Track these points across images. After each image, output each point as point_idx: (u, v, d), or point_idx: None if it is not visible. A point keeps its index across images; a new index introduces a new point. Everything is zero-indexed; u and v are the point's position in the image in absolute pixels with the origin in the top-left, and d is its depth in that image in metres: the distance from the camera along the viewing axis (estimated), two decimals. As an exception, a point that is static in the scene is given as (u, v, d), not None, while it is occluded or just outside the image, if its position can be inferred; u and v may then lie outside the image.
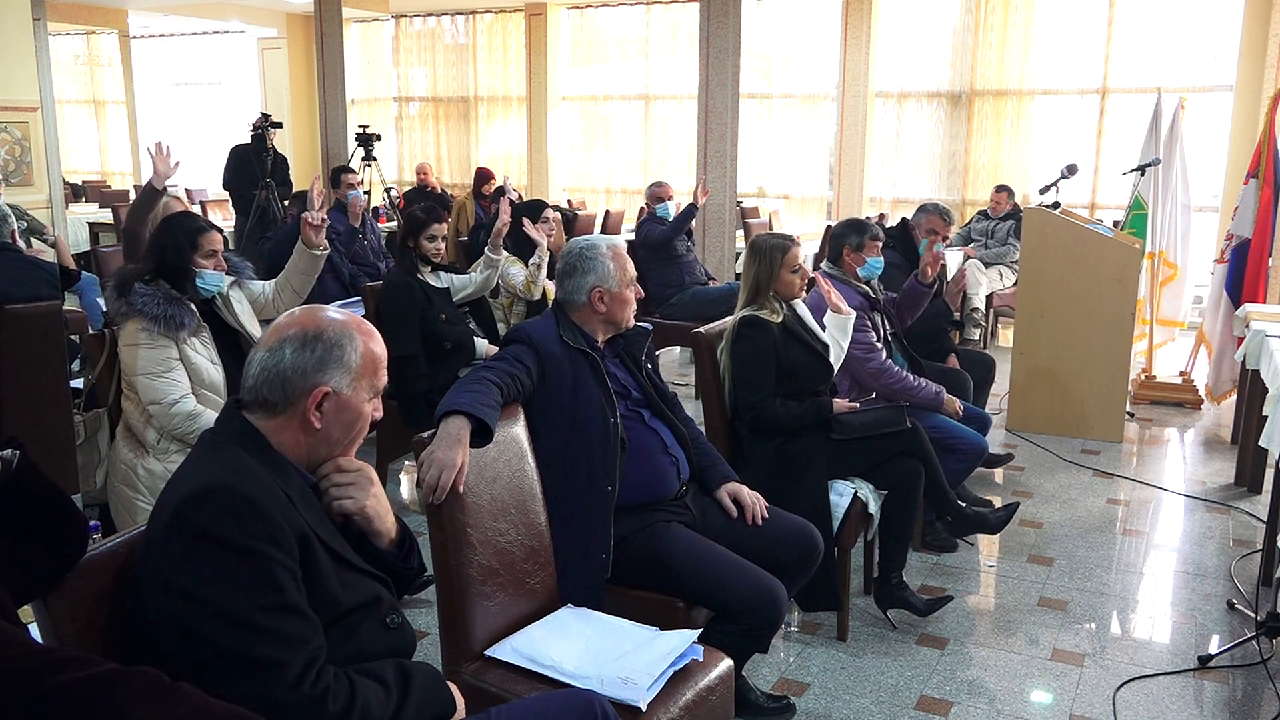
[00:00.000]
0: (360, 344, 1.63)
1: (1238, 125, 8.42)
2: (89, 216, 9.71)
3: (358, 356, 1.62)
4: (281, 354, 1.59)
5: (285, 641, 1.41)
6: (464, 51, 12.75)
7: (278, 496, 1.50)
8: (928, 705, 2.84)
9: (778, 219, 9.73)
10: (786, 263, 3.21)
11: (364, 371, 1.63)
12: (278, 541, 1.44)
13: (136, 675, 1.25)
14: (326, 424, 1.60)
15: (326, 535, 1.57)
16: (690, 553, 2.44)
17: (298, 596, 1.45)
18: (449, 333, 4.05)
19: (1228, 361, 5.51)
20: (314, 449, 1.62)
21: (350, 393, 1.61)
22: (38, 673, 1.19)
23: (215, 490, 1.44)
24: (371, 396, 1.65)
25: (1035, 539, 4.00)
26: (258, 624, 1.40)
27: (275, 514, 1.46)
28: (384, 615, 1.63)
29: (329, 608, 1.52)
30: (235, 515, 1.43)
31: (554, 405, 2.42)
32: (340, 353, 1.61)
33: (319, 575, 1.51)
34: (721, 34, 7.02)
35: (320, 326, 1.62)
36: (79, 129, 14.63)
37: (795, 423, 3.12)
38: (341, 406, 1.61)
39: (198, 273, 3.07)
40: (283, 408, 1.59)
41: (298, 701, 1.40)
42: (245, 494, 1.45)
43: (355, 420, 1.64)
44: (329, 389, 1.59)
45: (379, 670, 1.55)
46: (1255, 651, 3.06)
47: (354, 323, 1.67)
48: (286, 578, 1.44)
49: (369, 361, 1.64)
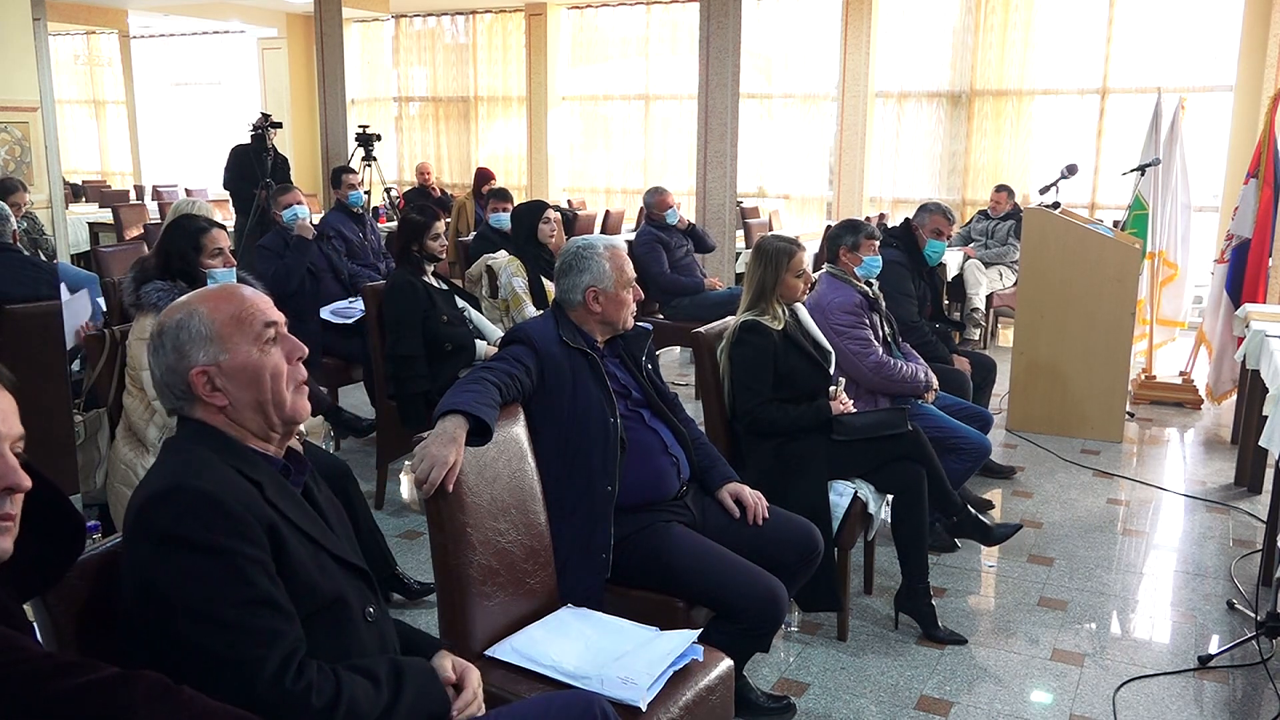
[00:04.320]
0: (204, 312, 1.57)
1: (1238, 125, 8.43)
2: (89, 216, 9.71)
3: (206, 322, 1.56)
4: (150, 367, 1.60)
5: (259, 637, 1.39)
6: (464, 51, 12.75)
7: (242, 489, 1.48)
8: (928, 705, 2.84)
9: (778, 219, 9.72)
10: (791, 267, 3.21)
11: (226, 331, 1.56)
12: (244, 535, 1.42)
13: (139, 679, 1.25)
14: (230, 395, 1.56)
15: (302, 521, 1.54)
16: (690, 552, 2.44)
17: (270, 589, 1.43)
18: (450, 334, 4.05)
19: (1228, 361, 5.51)
20: (246, 421, 1.58)
21: (227, 356, 1.56)
22: (41, 678, 1.19)
23: (174, 491, 1.43)
24: (259, 345, 1.58)
25: (1035, 539, 4.00)
26: (229, 621, 1.38)
27: (238, 508, 1.44)
28: (363, 609, 1.60)
29: (308, 597, 1.49)
30: (196, 514, 1.41)
31: (554, 405, 2.42)
32: (187, 332, 1.56)
33: (293, 564, 1.48)
34: (721, 34, 7.02)
35: (159, 323, 1.59)
36: (79, 129, 14.64)
37: (793, 425, 3.12)
38: (229, 372, 1.56)
39: (207, 273, 3.09)
40: (188, 404, 1.57)
41: (279, 698, 1.38)
42: (205, 491, 1.43)
43: (255, 375, 1.57)
44: (202, 367, 1.55)
45: (370, 666, 1.52)
46: (1255, 651, 3.06)
47: (196, 297, 1.62)
48: (256, 571, 1.42)
49: (224, 318, 1.57)
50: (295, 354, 1.62)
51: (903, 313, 4.35)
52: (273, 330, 1.60)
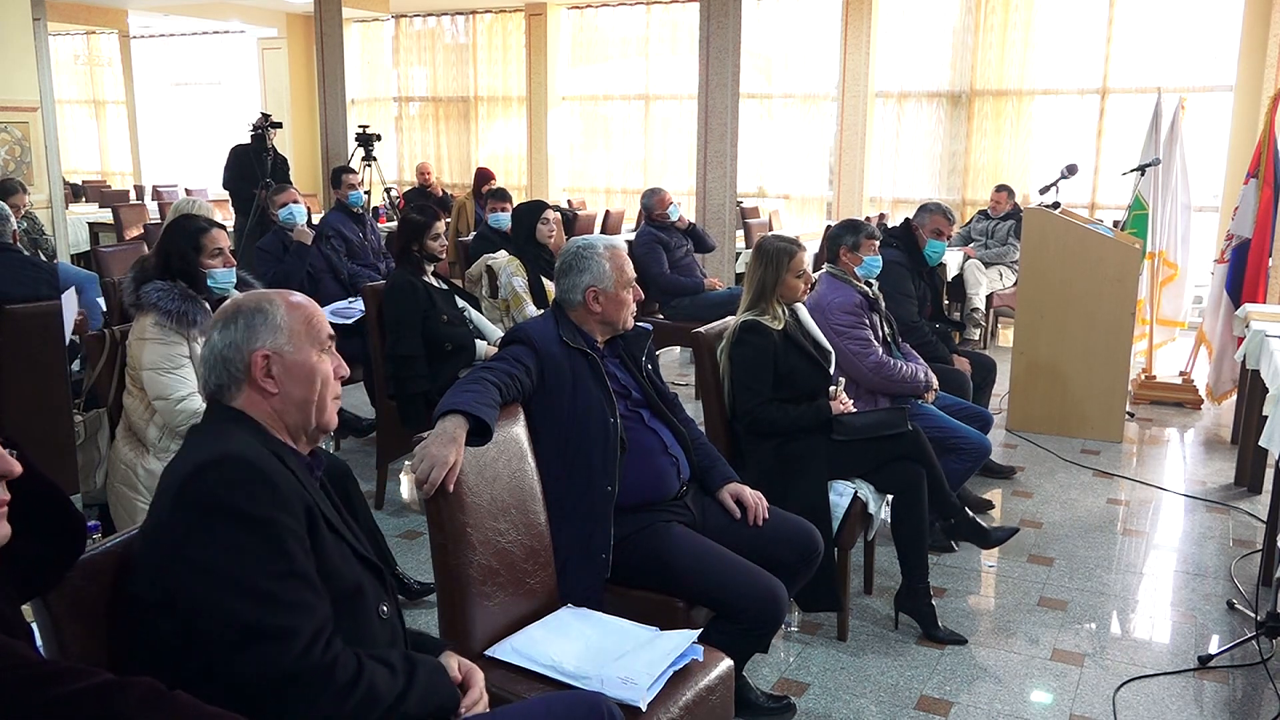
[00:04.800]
0: (281, 305, 1.64)
1: (1238, 125, 8.43)
2: (89, 216, 9.71)
3: (283, 316, 1.63)
4: (211, 342, 1.63)
5: (295, 609, 1.42)
6: (464, 51, 12.75)
7: (282, 469, 1.52)
8: (928, 705, 2.84)
9: (778, 219, 9.72)
10: (792, 267, 3.21)
11: (297, 328, 1.63)
12: (286, 508, 1.47)
13: (133, 685, 1.25)
14: (282, 386, 1.61)
15: (329, 512, 1.59)
16: (690, 552, 2.44)
17: (306, 564, 1.47)
18: (450, 334, 4.05)
19: (1228, 361, 5.51)
20: (288, 415, 1.63)
21: (292, 349, 1.62)
22: (34, 685, 1.19)
23: (223, 461, 1.46)
24: (319, 351, 1.65)
25: (1035, 539, 4.00)
26: (268, 591, 1.41)
27: (283, 482, 1.48)
28: (377, 605, 1.63)
29: (332, 582, 1.53)
30: (244, 484, 1.45)
31: (554, 405, 2.42)
32: (264, 317, 1.62)
33: (323, 549, 1.53)
34: (721, 34, 7.02)
35: (236, 304, 1.65)
36: (79, 129, 14.65)
37: (793, 425, 3.12)
38: (289, 365, 1.61)
39: (207, 274, 3.11)
40: (235, 387, 1.60)
41: (308, 669, 1.41)
42: (252, 462, 1.47)
43: (310, 375, 1.63)
44: (267, 351, 1.60)
45: (386, 655, 1.56)
46: (1255, 651, 3.06)
47: (270, 291, 1.69)
48: (296, 546, 1.46)
49: (298, 318, 1.64)
50: (340, 371, 1.70)
51: (903, 313, 4.35)
52: (331, 343, 1.69)
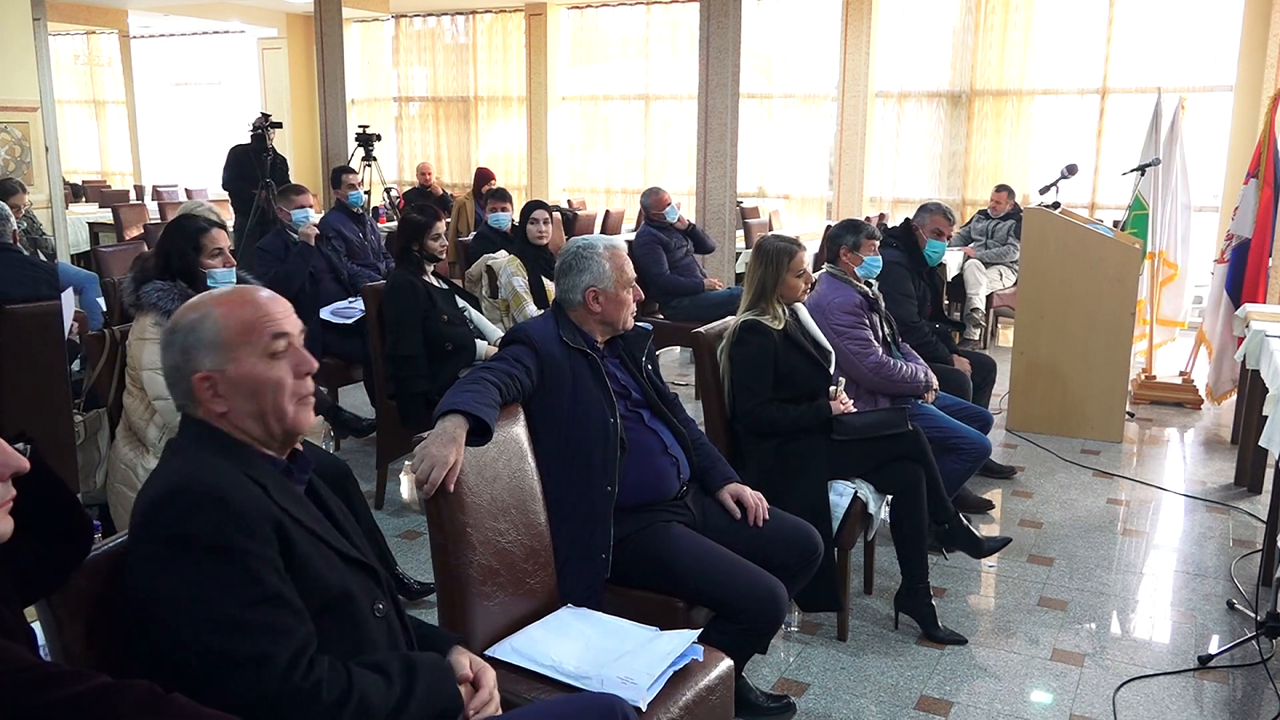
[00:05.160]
0: (216, 316, 1.54)
1: (1238, 125, 8.43)
2: (89, 216, 9.71)
3: (217, 329, 1.54)
4: (159, 363, 1.60)
5: (269, 634, 1.39)
6: (464, 51, 12.75)
7: (248, 488, 1.47)
8: (928, 705, 2.84)
9: (778, 219, 9.72)
10: (792, 267, 3.21)
11: (233, 339, 1.54)
12: (251, 532, 1.42)
13: (130, 688, 1.25)
14: (231, 403, 1.54)
15: (307, 519, 1.54)
16: (690, 552, 2.44)
17: (280, 586, 1.43)
18: (450, 334, 4.05)
19: (1228, 361, 5.51)
20: (247, 427, 1.56)
21: (232, 364, 1.53)
22: (31, 689, 1.19)
23: (181, 490, 1.43)
24: (265, 356, 1.55)
25: (1035, 539, 4.00)
26: (240, 620, 1.38)
27: (246, 505, 1.44)
28: (372, 604, 1.60)
29: (317, 593, 1.49)
30: (205, 513, 1.41)
31: (554, 405, 2.42)
32: (196, 336, 1.54)
33: (301, 562, 1.48)
34: (721, 34, 7.02)
35: (174, 320, 1.57)
36: (79, 129, 14.64)
37: (793, 425, 3.12)
38: (232, 381, 1.54)
39: (207, 274, 3.11)
40: (193, 405, 1.56)
41: (290, 693, 1.39)
42: (212, 489, 1.43)
43: (256, 387, 1.55)
44: (205, 373, 1.53)
45: (382, 662, 1.52)
46: (1255, 651, 3.06)
47: (212, 298, 1.59)
48: (265, 569, 1.42)
49: (234, 327, 1.54)
50: (303, 368, 1.60)
51: (903, 313, 4.35)
52: (283, 342, 1.57)
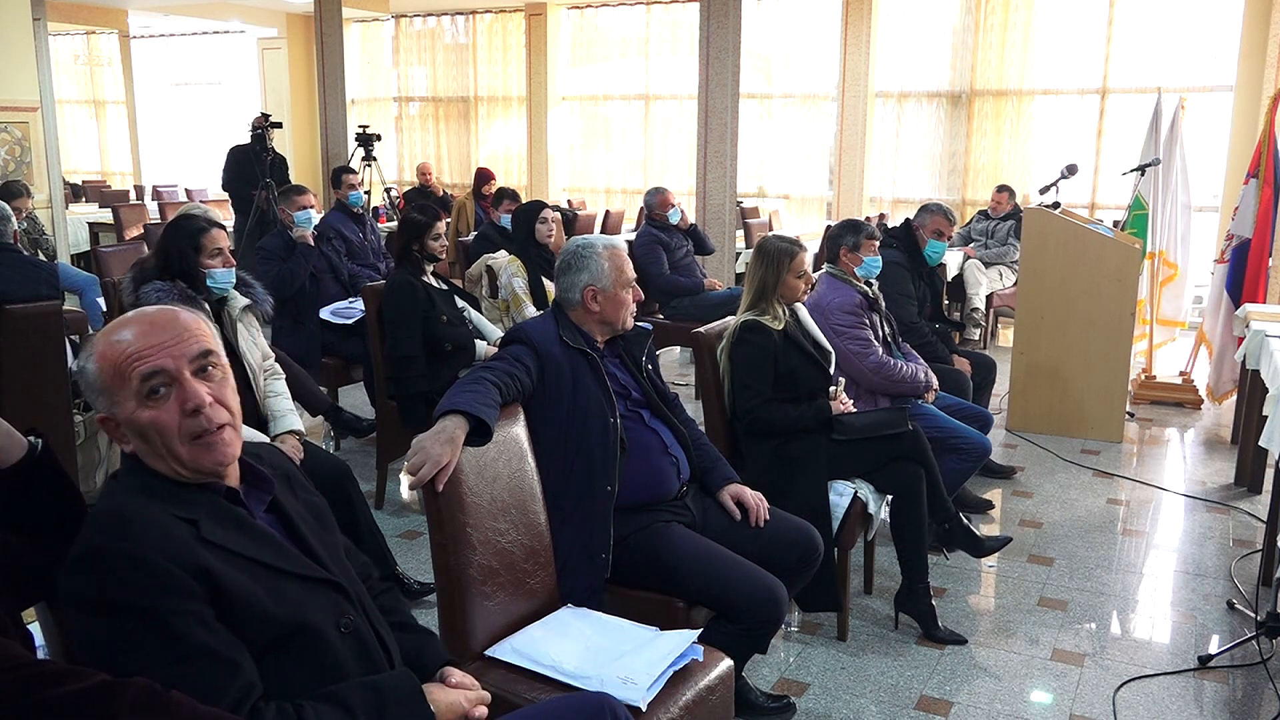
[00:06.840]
0: (95, 356, 1.45)
1: (1238, 125, 8.43)
2: (89, 216, 9.71)
3: (95, 373, 1.45)
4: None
5: (201, 691, 1.33)
6: (464, 51, 12.75)
7: (172, 535, 1.39)
8: (928, 705, 2.84)
9: (778, 219, 9.72)
10: (793, 268, 3.21)
11: (109, 384, 1.44)
12: (170, 588, 1.35)
13: (128, 686, 1.25)
14: (135, 444, 1.47)
15: (248, 549, 1.46)
16: (690, 552, 2.44)
17: (206, 638, 1.36)
18: (450, 334, 4.06)
19: (1228, 361, 5.51)
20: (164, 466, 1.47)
21: (119, 410, 1.45)
22: (29, 686, 1.19)
23: (93, 554, 1.36)
24: (137, 400, 1.44)
25: (1035, 539, 4.00)
26: (165, 680, 1.31)
27: (162, 562, 1.36)
28: (338, 621, 1.53)
29: (265, 630, 1.43)
30: (117, 575, 1.34)
31: (554, 405, 2.42)
32: (85, 380, 1.46)
33: (237, 603, 1.41)
34: (721, 34, 7.02)
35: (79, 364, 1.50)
36: (79, 129, 14.64)
37: (793, 425, 3.12)
38: (124, 423, 1.46)
39: (207, 274, 3.11)
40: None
41: None
42: (124, 551, 1.35)
43: (141, 432, 1.45)
44: (104, 415, 1.47)
45: (344, 695, 1.45)
46: (1255, 651, 3.06)
47: (97, 339, 1.48)
48: (188, 624, 1.35)
49: (109, 373, 1.44)
50: (189, 403, 1.45)
51: (903, 313, 4.35)
52: (157, 381, 1.44)
